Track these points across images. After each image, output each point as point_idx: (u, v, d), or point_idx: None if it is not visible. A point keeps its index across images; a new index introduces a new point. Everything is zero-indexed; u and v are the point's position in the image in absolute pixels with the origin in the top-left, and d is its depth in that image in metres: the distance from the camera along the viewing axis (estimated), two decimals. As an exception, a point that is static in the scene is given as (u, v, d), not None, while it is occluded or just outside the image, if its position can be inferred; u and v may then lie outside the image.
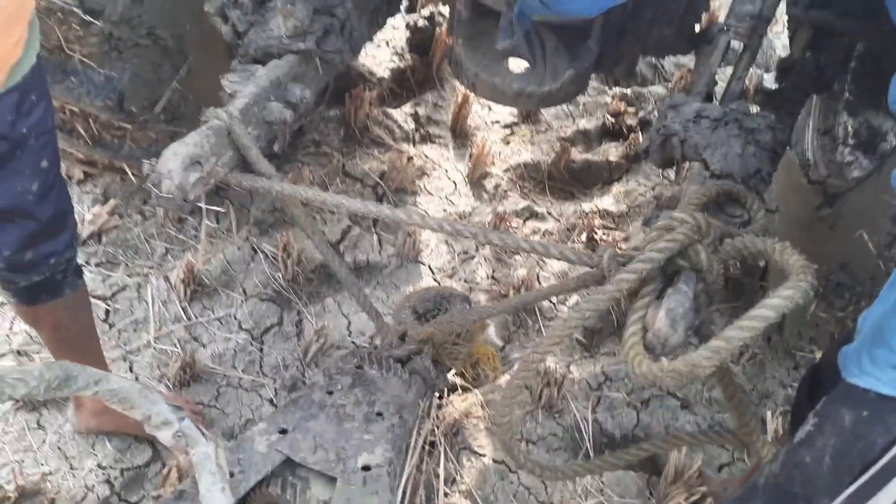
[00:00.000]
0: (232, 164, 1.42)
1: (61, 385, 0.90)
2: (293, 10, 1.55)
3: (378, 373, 1.43)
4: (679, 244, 1.04)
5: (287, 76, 1.59)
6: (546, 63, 1.61)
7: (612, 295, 1.08)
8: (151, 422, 1.01)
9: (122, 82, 1.75)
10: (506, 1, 1.46)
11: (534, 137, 2.98)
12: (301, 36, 1.58)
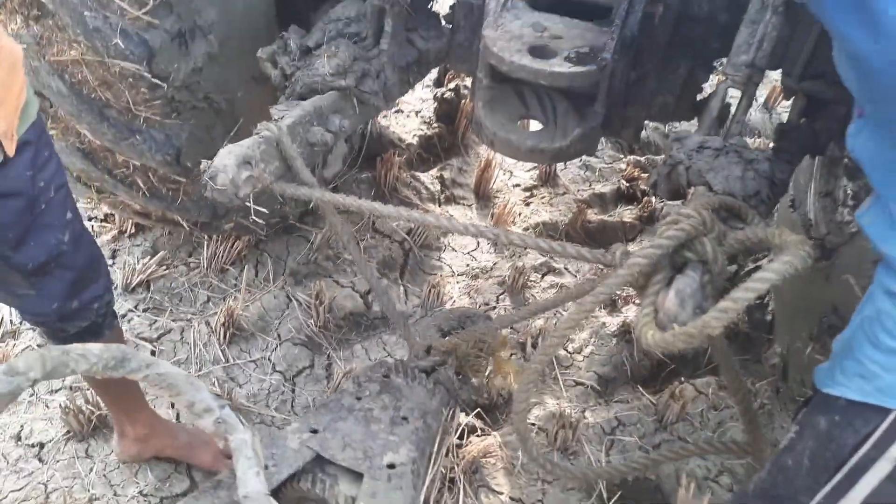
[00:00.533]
0: (278, 173, 1.59)
1: (117, 365, 1.04)
2: (336, 51, 1.76)
3: (404, 381, 1.57)
4: (686, 234, 1.14)
5: (329, 107, 1.79)
6: (557, 123, 1.80)
7: (623, 278, 1.18)
8: (195, 408, 1.14)
9: (179, 140, 1.97)
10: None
11: (552, 200, 3.16)
12: (342, 74, 1.78)
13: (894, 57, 0.86)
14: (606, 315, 2.66)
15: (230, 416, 1.13)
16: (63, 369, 0.98)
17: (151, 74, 1.78)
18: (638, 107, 2.09)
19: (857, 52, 0.91)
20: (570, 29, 1.80)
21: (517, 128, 1.81)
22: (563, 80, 1.67)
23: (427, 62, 2.08)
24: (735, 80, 1.68)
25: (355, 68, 1.80)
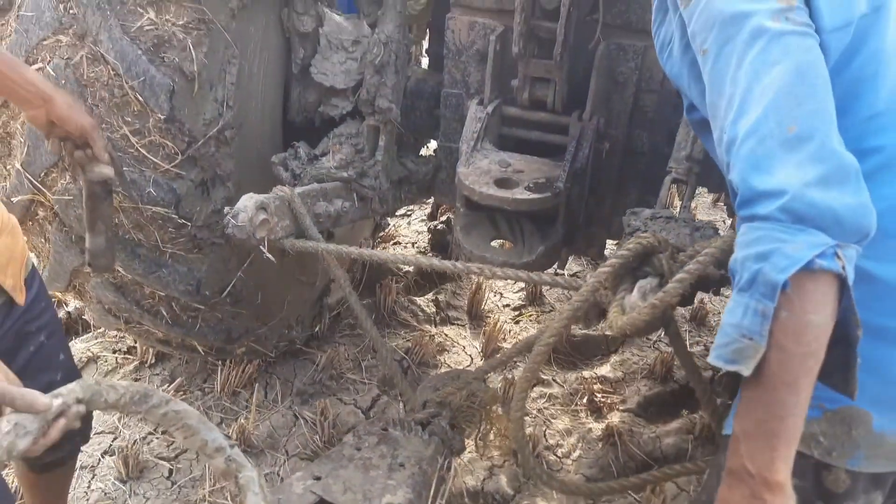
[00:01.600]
0: (288, 231, 1.86)
1: (141, 401, 1.18)
2: (341, 148, 2.10)
3: (401, 433, 1.75)
4: (642, 246, 1.37)
5: (333, 192, 2.10)
6: (524, 242, 2.09)
7: (593, 284, 1.41)
8: (207, 448, 1.28)
9: (200, 272, 2.26)
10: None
11: (539, 317, 3.42)
12: (345, 167, 2.11)
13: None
14: (592, 421, 2.84)
15: (239, 456, 1.26)
16: (98, 399, 1.14)
17: (178, 216, 2.10)
18: (598, 227, 2.40)
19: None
20: (530, 164, 2.13)
21: (490, 247, 2.10)
22: (524, 206, 1.98)
23: (416, 182, 2.42)
24: (678, 172, 1.98)
25: (356, 165, 2.13)
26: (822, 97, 1.05)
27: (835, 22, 1.10)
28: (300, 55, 2.31)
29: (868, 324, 1.19)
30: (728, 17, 1.09)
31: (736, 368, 1.04)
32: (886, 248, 1.16)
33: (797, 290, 1.00)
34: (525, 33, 2.07)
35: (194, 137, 2.06)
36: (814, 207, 1.00)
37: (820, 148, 1.02)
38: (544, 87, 2.20)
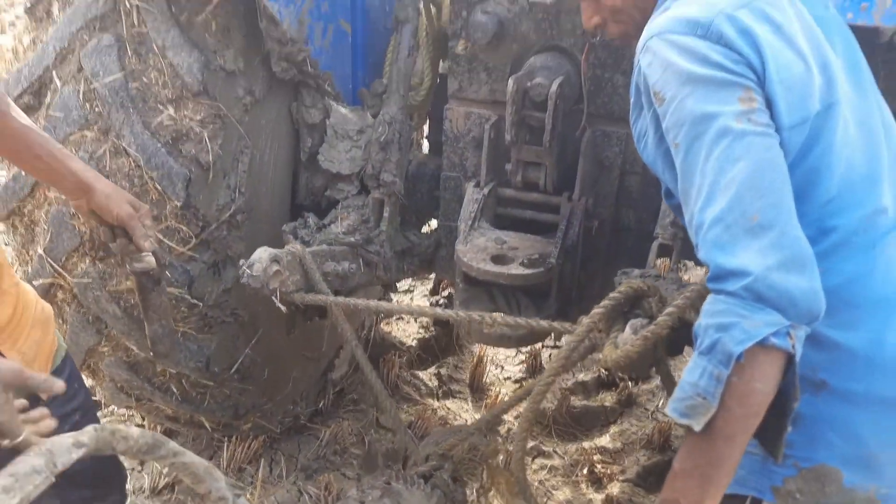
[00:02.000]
0: (298, 286, 1.98)
1: (150, 450, 1.24)
2: (348, 214, 2.26)
3: (404, 486, 1.80)
4: (633, 290, 1.49)
5: (340, 254, 2.23)
6: (520, 315, 2.19)
7: (588, 325, 1.51)
8: (212, 496, 1.36)
9: (209, 350, 2.36)
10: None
11: (540, 390, 3.48)
12: (352, 233, 2.25)
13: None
14: (593, 492, 2.89)
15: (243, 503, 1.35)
16: (106, 447, 1.22)
17: (191, 296, 2.21)
18: (590, 302, 2.50)
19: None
20: (525, 241, 2.26)
21: (488, 321, 2.21)
22: (519, 280, 2.09)
23: (418, 255, 2.56)
24: (664, 237, 2.10)
25: (362, 232, 2.28)
26: (780, 191, 1.18)
27: (793, 120, 1.24)
28: (308, 144, 2.47)
29: (835, 388, 1.30)
30: (698, 116, 1.22)
31: (688, 422, 1.16)
32: (847, 317, 1.27)
33: (750, 361, 1.13)
34: (516, 122, 2.22)
35: (208, 222, 2.20)
36: (774, 290, 1.12)
37: (780, 236, 1.15)
38: (536, 171, 2.35)
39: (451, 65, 2.43)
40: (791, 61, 1.25)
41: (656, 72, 1.28)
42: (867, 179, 1.30)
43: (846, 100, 1.31)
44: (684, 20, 1.27)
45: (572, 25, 2.25)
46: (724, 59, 1.23)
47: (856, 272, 1.28)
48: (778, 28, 1.27)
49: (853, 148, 1.30)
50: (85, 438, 1.19)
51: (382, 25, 2.80)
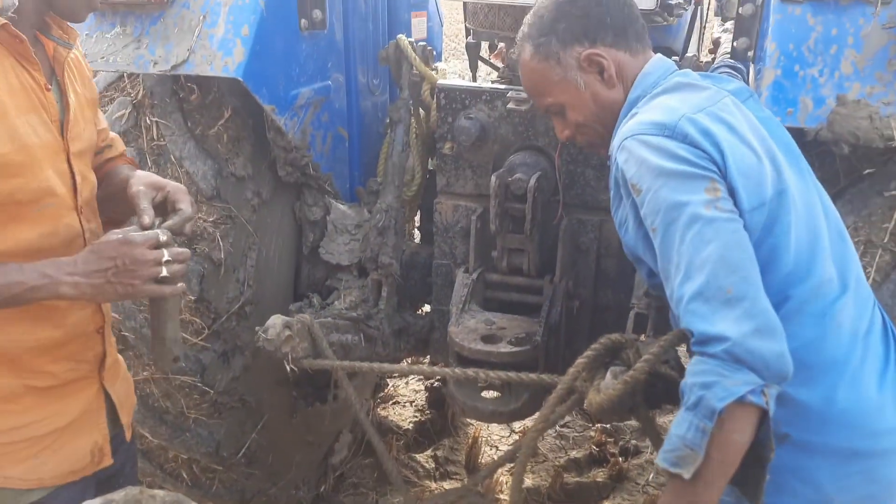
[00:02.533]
0: (307, 352, 2.15)
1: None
2: (350, 292, 2.46)
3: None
4: (612, 342, 1.62)
5: (343, 327, 2.41)
6: (511, 391, 2.36)
7: (572, 374, 1.64)
8: None
9: (219, 435, 2.50)
10: None
11: (533, 468, 3.60)
12: (354, 309, 2.44)
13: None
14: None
15: None
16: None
17: (203, 384, 2.38)
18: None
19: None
20: (512, 321, 2.45)
21: (481, 397, 2.37)
22: (507, 358, 2.26)
23: (414, 334, 2.75)
24: (639, 307, 2.29)
25: (363, 308, 2.48)
26: (749, 267, 1.37)
27: (752, 203, 1.45)
28: (310, 239, 2.69)
29: (796, 440, 1.48)
30: (671, 204, 1.41)
31: (678, 471, 1.31)
32: (804, 377, 1.45)
33: (729, 415, 1.29)
34: (500, 213, 2.46)
35: (219, 314, 2.39)
36: (750, 353, 1.30)
37: (752, 306, 1.33)
38: (519, 257, 2.56)
39: (440, 163, 2.68)
40: (745, 154, 1.47)
41: (632, 167, 1.48)
42: (813, 254, 1.50)
43: (792, 185, 1.52)
44: (653, 123, 1.48)
45: (545, 128, 2.51)
46: (690, 155, 1.43)
47: (810, 337, 1.46)
48: (731, 128, 1.48)
49: (802, 227, 1.50)
50: (117, 497, 1.34)
51: (375, 131, 3.08)
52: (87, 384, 1.66)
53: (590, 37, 1.65)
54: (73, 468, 1.61)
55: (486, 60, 3.36)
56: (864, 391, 1.47)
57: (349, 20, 2.82)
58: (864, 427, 1.46)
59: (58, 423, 1.59)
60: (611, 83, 1.66)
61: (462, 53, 15.33)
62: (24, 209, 1.46)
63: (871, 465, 1.46)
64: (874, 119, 1.76)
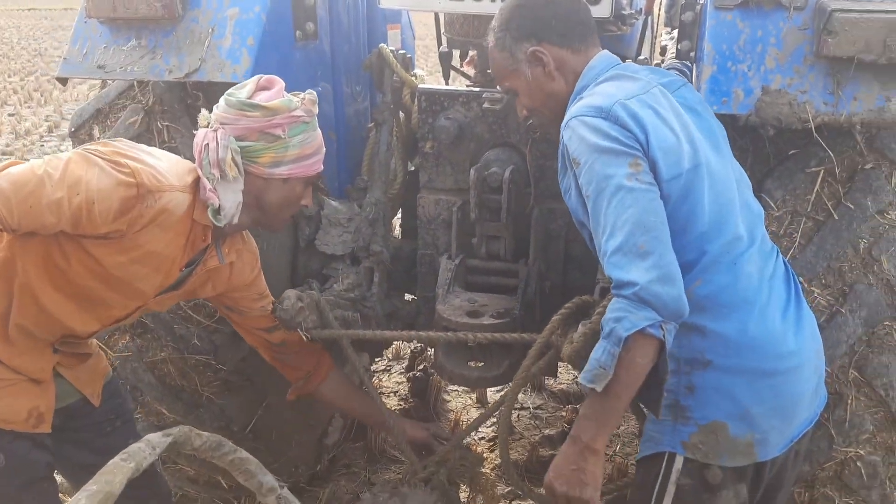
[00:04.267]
0: (314, 324, 2.40)
1: (216, 448, 1.49)
2: (347, 276, 2.76)
3: (408, 489, 2.19)
4: (582, 301, 2.02)
5: (344, 305, 2.67)
6: (493, 360, 2.65)
7: (549, 329, 2.02)
8: (262, 488, 1.62)
9: (231, 410, 2.74)
10: None
11: (511, 445, 3.88)
12: (351, 290, 2.71)
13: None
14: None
15: (289, 495, 1.61)
16: (187, 441, 1.46)
17: (216, 363, 2.62)
18: (550, 348, 2.97)
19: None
20: (492, 299, 2.74)
21: (467, 366, 2.65)
22: (490, 329, 2.55)
23: (402, 318, 3.00)
24: (604, 282, 2.57)
25: (359, 291, 2.75)
26: (659, 229, 1.69)
27: (670, 174, 1.76)
28: (306, 233, 2.95)
29: (717, 364, 1.80)
30: (601, 176, 1.73)
31: (593, 386, 1.66)
32: (721, 313, 1.78)
33: (633, 343, 1.63)
34: (478, 204, 2.75)
35: (229, 299, 2.64)
36: (653, 296, 1.62)
37: (659, 259, 1.65)
38: (496, 243, 2.86)
39: (422, 161, 2.97)
40: (666, 134, 1.75)
41: (574, 143, 1.77)
42: (725, 216, 1.79)
43: (708, 160, 1.82)
44: (592, 107, 1.77)
45: (517, 126, 2.82)
46: (619, 135, 1.72)
47: (724, 282, 1.78)
48: (656, 112, 1.78)
49: (715, 194, 1.78)
50: (173, 431, 1.57)
51: (358, 135, 3.36)
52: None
53: (537, 35, 1.95)
54: (5, 418, 1.90)
55: (458, 69, 3.66)
56: (770, 323, 1.79)
57: (334, 33, 3.11)
58: (770, 351, 1.78)
59: (4, 377, 1.90)
60: (551, 77, 1.96)
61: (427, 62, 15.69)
62: (83, 300, 1.91)
63: (778, 381, 1.79)
64: (793, 105, 2.10)
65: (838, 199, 2.26)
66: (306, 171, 2.02)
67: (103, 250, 1.79)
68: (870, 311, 2.21)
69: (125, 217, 1.72)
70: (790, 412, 1.84)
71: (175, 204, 1.82)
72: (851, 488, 2.31)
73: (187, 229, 1.90)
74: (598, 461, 1.72)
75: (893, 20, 2.00)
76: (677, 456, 1.83)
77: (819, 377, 1.94)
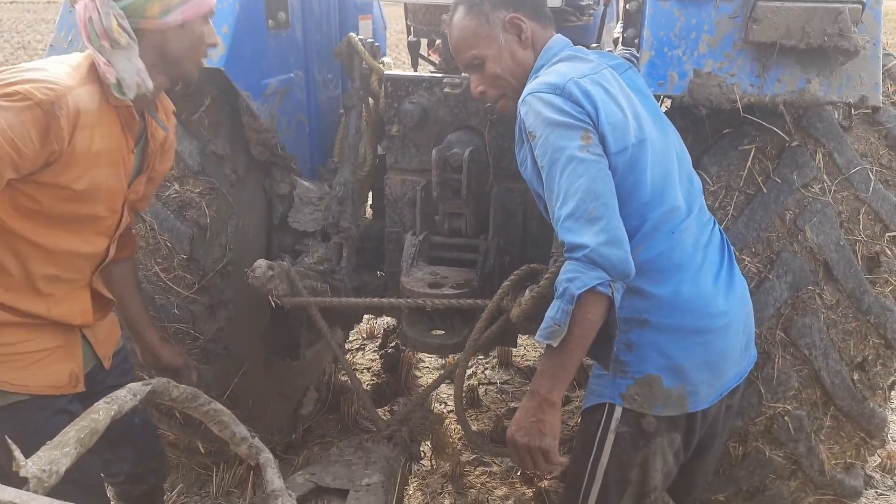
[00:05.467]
0: (286, 292, 2.57)
1: (191, 399, 1.67)
2: (317, 251, 2.98)
3: (372, 444, 2.38)
4: (530, 269, 2.25)
5: (314, 276, 2.85)
6: (454, 328, 2.83)
7: (500, 294, 2.27)
8: (235, 437, 1.77)
9: (208, 378, 2.90)
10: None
11: (479, 416, 4.07)
12: (321, 263, 2.96)
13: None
14: (526, 488, 3.46)
15: (259, 443, 1.74)
16: (165, 392, 1.61)
17: (195, 331, 2.79)
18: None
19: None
20: (453, 273, 2.91)
21: (430, 334, 2.84)
22: (449, 299, 2.74)
23: (370, 293, 3.17)
24: (557, 255, 2.77)
25: (330, 261, 2.92)
26: (608, 196, 1.83)
27: (618, 147, 1.87)
28: (279, 211, 3.12)
29: (654, 323, 1.98)
30: (555, 147, 1.87)
31: (548, 342, 1.80)
32: (658, 277, 1.96)
33: (585, 300, 1.77)
34: (441, 183, 2.92)
35: (206, 271, 2.80)
36: (602, 257, 1.77)
37: (607, 224, 1.78)
38: (458, 220, 3.04)
39: (388, 143, 3.15)
40: (614, 111, 1.89)
41: (530, 118, 1.89)
42: (666, 188, 1.98)
43: (652, 137, 1.99)
44: (547, 84, 1.90)
45: (476, 109, 3.00)
46: (572, 110, 1.84)
47: (662, 248, 1.95)
48: (606, 91, 1.91)
49: (657, 167, 1.97)
50: (153, 381, 1.74)
51: (330, 120, 3.53)
52: (65, 329, 2.09)
53: (514, 5, 2.08)
54: (52, 384, 2.03)
55: (425, 57, 3.84)
56: (703, 286, 1.94)
57: (306, 22, 3.27)
58: (701, 311, 1.94)
59: (42, 346, 2.02)
60: (525, 44, 2.08)
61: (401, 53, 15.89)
62: (72, 225, 1.95)
63: (707, 338, 1.95)
64: (722, 87, 2.30)
65: (767, 174, 2.46)
66: (199, 8, 1.94)
67: (57, 175, 1.80)
68: (795, 276, 2.41)
69: (48, 137, 1.72)
70: (719, 367, 1.99)
71: (84, 100, 1.79)
72: (780, 441, 2.52)
73: (114, 116, 1.89)
74: (555, 412, 1.83)
75: (811, 8, 2.20)
76: (616, 406, 1.99)
77: (748, 336, 2.10)
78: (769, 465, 2.55)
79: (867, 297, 2.42)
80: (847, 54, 2.25)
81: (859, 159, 2.47)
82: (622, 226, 1.81)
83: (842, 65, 2.29)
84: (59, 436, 1.50)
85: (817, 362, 2.43)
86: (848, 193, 2.46)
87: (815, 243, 2.41)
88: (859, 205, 2.46)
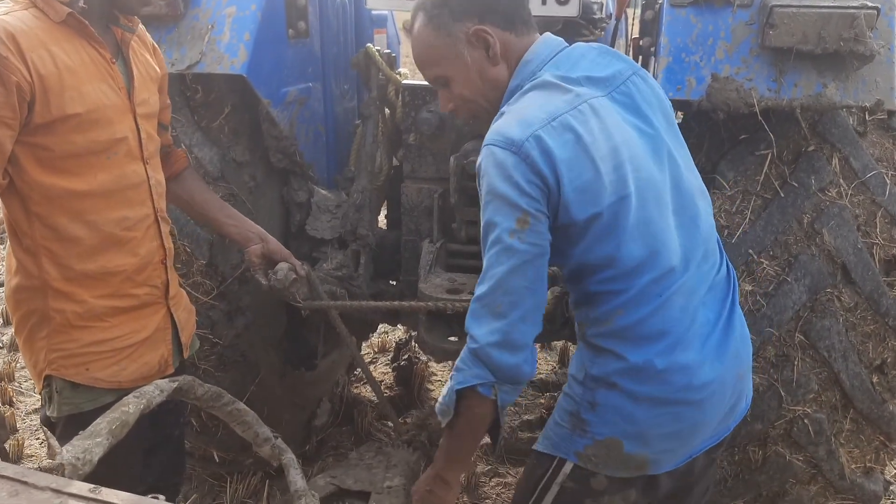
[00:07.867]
0: (306, 296, 2.57)
1: (216, 398, 1.66)
2: (335, 258, 2.92)
3: (392, 448, 2.37)
4: (551, 273, 2.09)
5: (333, 282, 2.87)
6: (471, 334, 2.84)
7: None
8: (258, 438, 1.77)
9: (225, 384, 2.89)
10: None
11: (492, 428, 4.07)
12: (339, 269, 2.92)
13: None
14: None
15: (282, 444, 1.74)
16: (190, 390, 1.62)
17: (213, 337, 2.80)
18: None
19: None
20: (471, 279, 2.92)
21: (447, 340, 2.85)
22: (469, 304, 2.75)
23: (388, 299, 3.17)
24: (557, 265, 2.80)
25: (348, 268, 2.92)
26: (521, 294, 1.61)
27: (585, 213, 1.61)
28: (296, 219, 3.14)
29: (623, 388, 1.73)
30: (489, 221, 1.63)
31: (441, 419, 1.74)
32: (634, 344, 1.70)
33: (465, 396, 1.66)
34: (458, 191, 2.95)
35: (225, 277, 2.82)
36: (488, 358, 1.61)
37: (508, 325, 1.60)
38: (475, 227, 3.06)
39: (405, 152, 3.18)
40: (584, 170, 1.60)
41: (481, 170, 1.66)
42: (659, 248, 1.68)
43: (640, 186, 1.66)
44: (505, 138, 1.60)
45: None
46: (521, 180, 1.57)
47: (644, 314, 1.68)
48: (578, 139, 1.60)
49: (648, 225, 1.67)
50: (179, 379, 1.75)
51: (346, 130, 3.57)
52: (158, 308, 2.10)
53: (480, 15, 1.72)
54: (144, 375, 2.06)
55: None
56: (685, 355, 1.70)
57: (324, 34, 3.32)
58: (678, 383, 1.71)
59: (136, 338, 2.03)
60: (495, 60, 1.74)
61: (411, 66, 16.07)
62: (97, 158, 1.92)
63: (680, 410, 1.73)
64: (740, 91, 2.33)
65: (784, 178, 2.49)
66: None
67: (49, 109, 1.78)
68: (813, 279, 2.43)
69: (9, 75, 1.69)
70: (688, 439, 1.79)
71: (12, 24, 1.74)
72: (800, 445, 2.52)
73: (67, 32, 1.84)
74: (447, 489, 1.78)
75: (827, 14, 2.24)
76: (568, 461, 1.81)
77: (738, 396, 1.86)
78: (789, 469, 2.54)
79: (885, 299, 2.43)
80: (862, 59, 2.29)
81: (875, 164, 2.50)
82: (528, 330, 1.65)
83: (857, 69, 2.32)
84: (91, 426, 1.52)
85: (837, 364, 2.44)
86: (864, 197, 2.48)
87: (833, 246, 2.43)
88: (875, 208, 2.48)
